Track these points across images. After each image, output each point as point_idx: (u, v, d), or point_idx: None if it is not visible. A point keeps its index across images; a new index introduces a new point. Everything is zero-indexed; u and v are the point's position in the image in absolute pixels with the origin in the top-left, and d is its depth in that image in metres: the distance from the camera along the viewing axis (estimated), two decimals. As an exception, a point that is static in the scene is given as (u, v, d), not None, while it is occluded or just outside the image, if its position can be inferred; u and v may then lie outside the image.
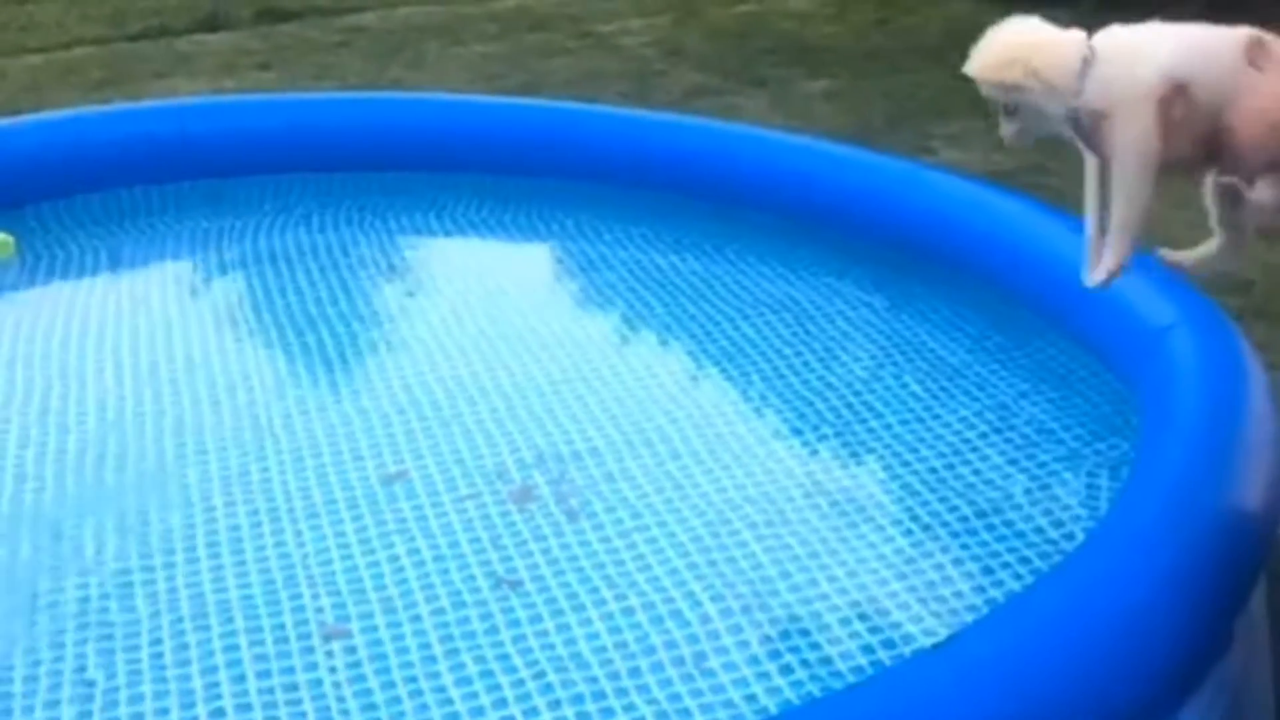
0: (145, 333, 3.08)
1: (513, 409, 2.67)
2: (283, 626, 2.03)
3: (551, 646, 1.97)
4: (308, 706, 1.87)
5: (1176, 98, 1.51)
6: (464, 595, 2.09)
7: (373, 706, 1.87)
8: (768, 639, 1.98)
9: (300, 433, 2.62)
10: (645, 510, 2.31)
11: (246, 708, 1.87)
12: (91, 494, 2.42)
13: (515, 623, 2.03)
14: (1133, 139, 1.52)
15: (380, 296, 3.34)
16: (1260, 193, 1.55)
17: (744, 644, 1.97)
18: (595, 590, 2.10)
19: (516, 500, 2.35)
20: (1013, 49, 1.58)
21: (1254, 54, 1.51)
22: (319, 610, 2.08)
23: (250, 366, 2.93)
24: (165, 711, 1.87)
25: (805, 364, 2.88)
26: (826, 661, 1.93)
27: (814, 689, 1.88)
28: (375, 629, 2.02)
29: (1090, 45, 1.56)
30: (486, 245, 3.70)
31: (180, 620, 2.06)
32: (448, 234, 3.73)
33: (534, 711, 1.85)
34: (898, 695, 1.56)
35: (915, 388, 2.74)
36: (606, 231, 3.61)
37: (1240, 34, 1.54)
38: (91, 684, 1.92)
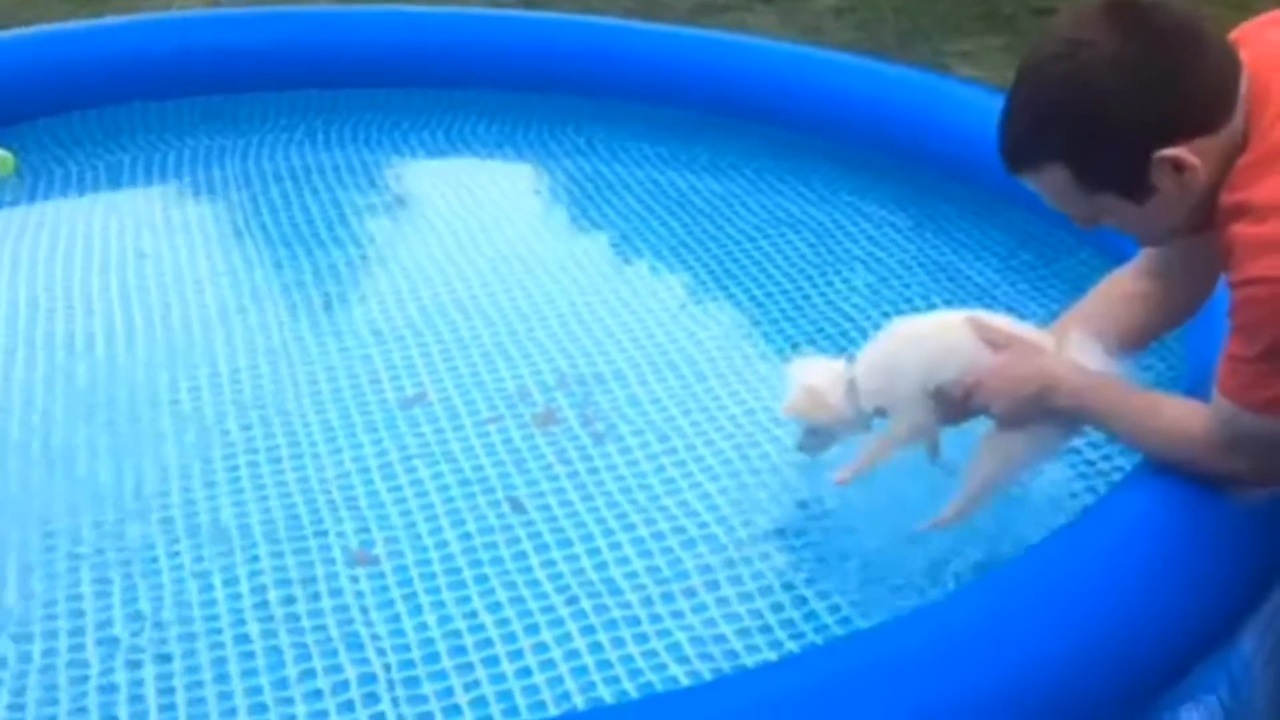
0: (151, 253, 3.01)
1: (531, 331, 2.61)
2: (307, 552, 1.99)
3: (582, 572, 1.93)
4: (334, 633, 1.83)
5: (935, 391, 1.84)
6: (490, 520, 2.05)
7: (401, 633, 1.83)
8: (803, 563, 1.94)
9: (314, 356, 2.56)
10: (672, 433, 2.26)
11: (272, 634, 1.83)
12: (102, 419, 2.36)
13: (544, 548, 1.98)
14: (911, 429, 1.89)
15: (388, 215, 3.26)
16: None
17: (779, 570, 1.93)
18: (624, 515, 2.06)
19: (540, 424, 2.30)
20: (814, 392, 1.89)
21: (982, 335, 1.82)
22: (341, 535, 2.03)
23: (260, 288, 2.85)
24: (191, 637, 1.83)
25: (829, 283, 2.81)
26: (866, 584, 1.89)
27: (852, 613, 1.84)
28: (401, 554, 1.98)
29: (848, 374, 1.90)
30: (499, 164, 3.61)
31: (200, 547, 2.01)
32: (458, 152, 3.64)
33: (567, 637, 1.81)
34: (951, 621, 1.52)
35: (942, 308, 2.66)
36: (621, 150, 3.52)
37: (966, 320, 1.85)
38: (109, 609, 1.88)
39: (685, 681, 1.73)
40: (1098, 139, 1.54)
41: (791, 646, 1.78)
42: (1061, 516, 1.80)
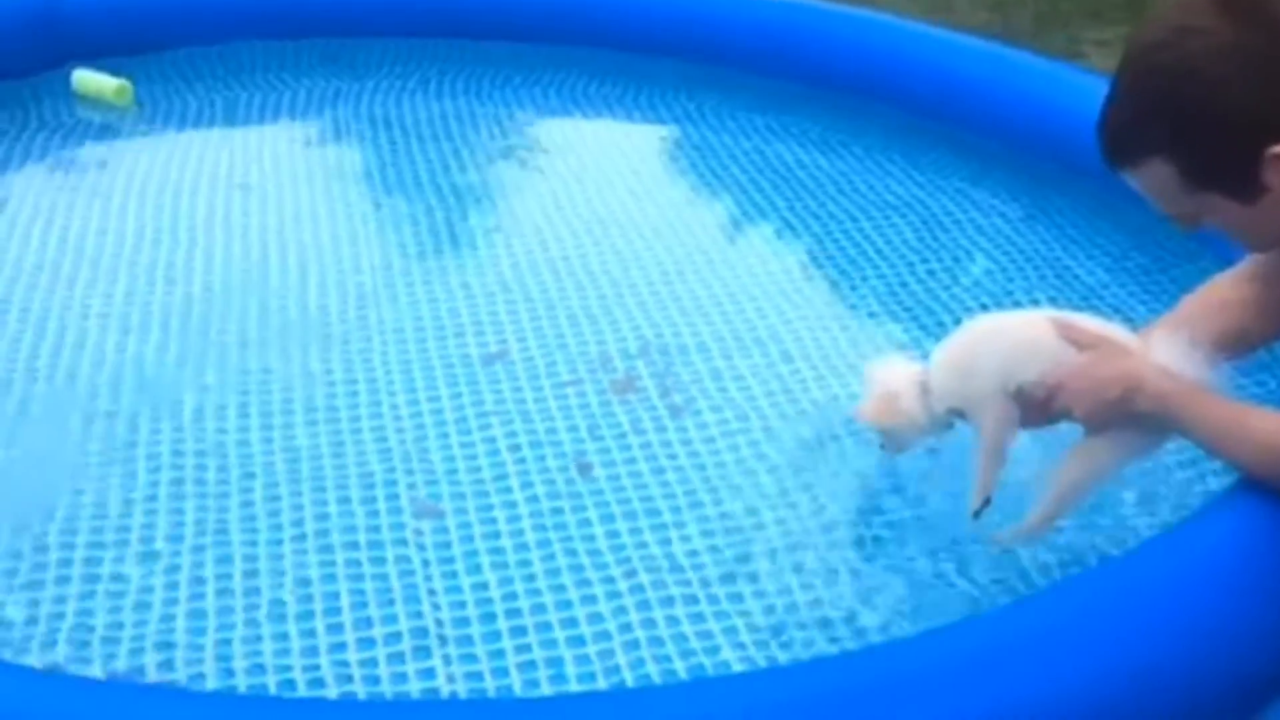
0: (257, 190, 3.05)
1: (620, 296, 2.58)
2: (374, 500, 2.00)
3: (645, 545, 1.91)
4: (394, 584, 1.83)
5: (1016, 393, 1.76)
6: (559, 485, 2.03)
7: (458, 589, 1.82)
8: (872, 559, 1.88)
9: (403, 302, 2.57)
10: (751, 412, 2.22)
11: (331, 579, 1.84)
12: (194, 351, 2.40)
13: (609, 518, 1.96)
14: (991, 429, 1.80)
15: (491, 170, 3.25)
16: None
17: (846, 560, 1.88)
18: (693, 491, 2.02)
19: (618, 391, 2.27)
20: (889, 398, 1.84)
21: (1066, 335, 1.73)
22: (411, 487, 2.04)
23: (357, 231, 2.87)
24: (254, 574, 1.85)
25: (930, 271, 2.73)
26: (935, 585, 1.83)
27: (916, 615, 1.78)
28: (466, 511, 1.98)
29: (922, 376, 1.84)
30: (606, 125, 3.58)
31: (274, 485, 2.03)
32: (567, 111, 3.61)
33: (622, 610, 1.79)
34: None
35: (1047, 305, 2.57)
36: (731, 119, 3.47)
37: (1048, 320, 1.76)
38: (180, 540, 1.91)
39: (738, 667, 1.69)
40: (1204, 132, 1.45)
41: (849, 644, 1.73)
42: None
